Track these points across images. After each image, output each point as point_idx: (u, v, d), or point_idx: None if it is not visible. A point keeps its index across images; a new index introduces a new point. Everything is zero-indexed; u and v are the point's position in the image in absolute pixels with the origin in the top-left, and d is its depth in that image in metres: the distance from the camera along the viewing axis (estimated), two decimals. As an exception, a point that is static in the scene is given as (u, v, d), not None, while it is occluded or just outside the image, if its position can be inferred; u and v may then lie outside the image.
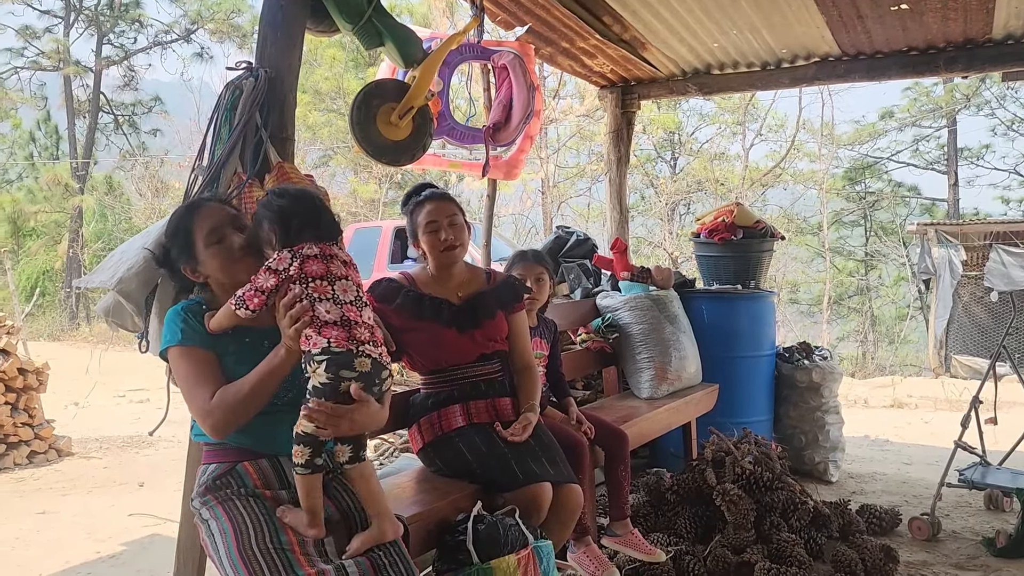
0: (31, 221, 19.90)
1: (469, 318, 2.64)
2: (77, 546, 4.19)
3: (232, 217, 2.01)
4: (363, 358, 1.79)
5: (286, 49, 2.56)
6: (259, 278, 1.82)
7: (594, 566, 2.83)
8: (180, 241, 2.01)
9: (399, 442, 4.76)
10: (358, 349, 1.79)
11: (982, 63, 4.91)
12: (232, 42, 21.20)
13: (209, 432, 1.87)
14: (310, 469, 1.80)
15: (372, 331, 1.85)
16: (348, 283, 1.85)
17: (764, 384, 4.91)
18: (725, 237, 4.92)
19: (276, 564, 1.74)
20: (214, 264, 1.97)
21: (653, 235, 19.28)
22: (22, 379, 6.06)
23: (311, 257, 1.82)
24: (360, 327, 1.82)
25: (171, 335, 1.92)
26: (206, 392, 1.85)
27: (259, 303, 1.81)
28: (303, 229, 1.86)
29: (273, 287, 1.81)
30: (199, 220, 1.98)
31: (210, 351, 1.91)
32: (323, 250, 1.85)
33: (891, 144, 19.60)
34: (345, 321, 1.80)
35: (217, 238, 1.96)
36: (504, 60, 3.91)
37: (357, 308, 1.84)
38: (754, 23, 4.53)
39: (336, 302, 1.81)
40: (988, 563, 3.63)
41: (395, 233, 10.93)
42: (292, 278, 1.81)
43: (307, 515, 1.81)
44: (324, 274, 1.82)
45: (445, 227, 2.62)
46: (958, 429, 4.13)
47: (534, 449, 2.53)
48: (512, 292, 2.76)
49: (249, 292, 1.81)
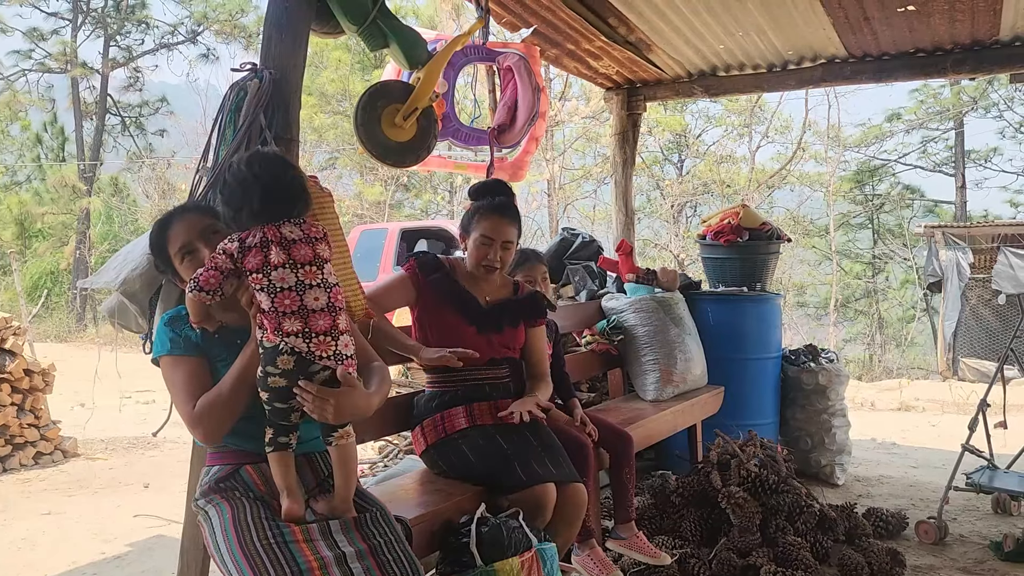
0: (38, 223, 19.98)
1: (493, 322, 2.71)
2: (83, 546, 4.19)
3: (205, 227, 1.99)
4: (285, 355, 1.77)
5: (291, 50, 2.55)
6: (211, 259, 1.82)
7: (598, 569, 2.82)
8: (158, 256, 2.05)
9: (403, 444, 4.76)
10: (283, 344, 1.77)
11: (989, 64, 4.89)
12: (238, 43, 21.24)
13: (201, 440, 1.91)
14: (272, 447, 1.84)
15: (309, 318, 1.78)
16: (285, 271, 1.78)
17: (770, 387, 4.89)
18: (731, 239, 4.91)
19: (277, 556, 1.73)
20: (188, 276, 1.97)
21: (659, 237, 19.26)
22: (28, 380, 6.08)
23: (251, 248, 1.79)
24: (291, 318, 1.77)
25: (160, 345, 1.95)
26: (193, 400, 1.88)
27: (215, 281, 1.79)
28: (239, 215, 1.84)
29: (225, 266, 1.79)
30: (171, 236, 2.00)
31: (200, 357, 1.93)
32: (265, 235, 1.79)
33: (898, 146, 19.54)
34: (273, 312, 1.78)
35: (187, 251, 1.97)
36: (509, 61, 3.90)
37: (296, 294, 1.77)
38: (760, 24, 4.52)
39: (269, 292, 1.78)
40: (996, 567, 3.60)
41: (401, 234, 10.92)
42: (237, 272, 1.80)
43: (281, 492, 1.84)
44: (260, 266, 1.78)
45: (497, 248, 2.71)
46: (965, 432, 4.11)
47: (537, 450, 2.52)
48: (537, 307, 2.85)
49: (204, 273, 1.80)
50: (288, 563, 1.73)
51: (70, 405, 7.96)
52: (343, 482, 1.90)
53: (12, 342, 6.00)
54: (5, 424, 5.87)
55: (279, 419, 1.84)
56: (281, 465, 1.85)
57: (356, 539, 1.83)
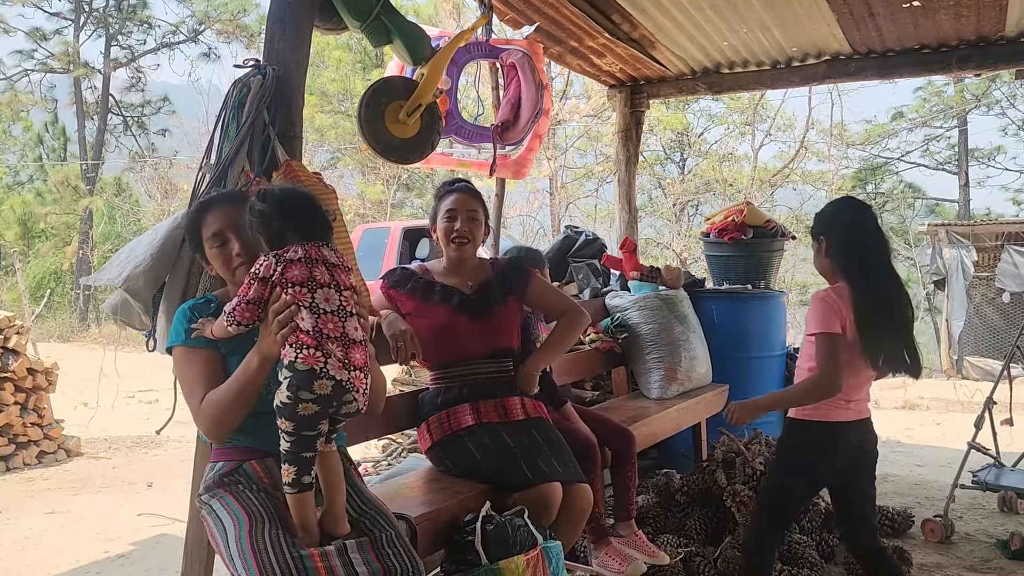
0: (41, 223, 20.00)
1: (481, 306, 2.67)
2: (86, 545, 4.19)
3: (240, 218, 1.98)
4: (324, 380, 1.68)
5: (294, 46, 2.54)
6: (246, 290, 1.75)
7: (618, 563, 2.82)
8: (191, 237, 2.07)
9: (407, 442, 4.74)
10: (322, 368, 1.68)
11: (995, 61, 4.86)
12: (239, 42, 21.24)
13: (206, 435, 1.91)
14: (297, 488, 1.76)
15: (348, 349, 1.73)
16: (330, 291, 1.74)
17: (775, 384, 4.87)
18: (735, 236, 4.89)
19: (286, 556, 1.71)
20: (216, 265, 2.02)
21: (661, 236, 19.23)
22: (31, 379, 6.08)
23: (294, 262, 1.73)
24: (332, 344, 1.70)
25: (176, 334, 1.95)
26: (200, 395, 1.87)
27: (250, 317, 1.75)
28: (284, 231, 1.78)
29: (260, 297, 1.74)
30: (208, 220, 2.02)
31: (214, 351, 1.91)
32: (308, 253, 1.75)
33: (901, 144, 19.50)
34: (317, 332, 1.70)
35: (219, 241, 1.99)
36: (512, 58, 3.89)
37: (339, 319, 1.73)
38: (764, 21, 4.50)
39: (313, 311, 1.71)
40: (1002, 565, 3.59)
41: (403, 233, 10.92)
42: (275, 284, 1.73)
43: (300, 530, 1.79)
44: (305, 280, 1.73)
45: (463, 219, 2.67)
46: (970, 431, 4.09)
47: (544, 449, 2.51)
48: (517, 272, 2.80)
49: (238, 307, 1.75)
50: (295, 562, 1.71)
51: (73, 404, 7.96)
52: (333, 496, 1.84)
53: (15, 341, 6.00)
54: (8, 423, 5.87)
55: (304, 449, 1.73)
56: (302, 506, 1.77)
57: (372, 559, 1.81)
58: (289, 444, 1.74)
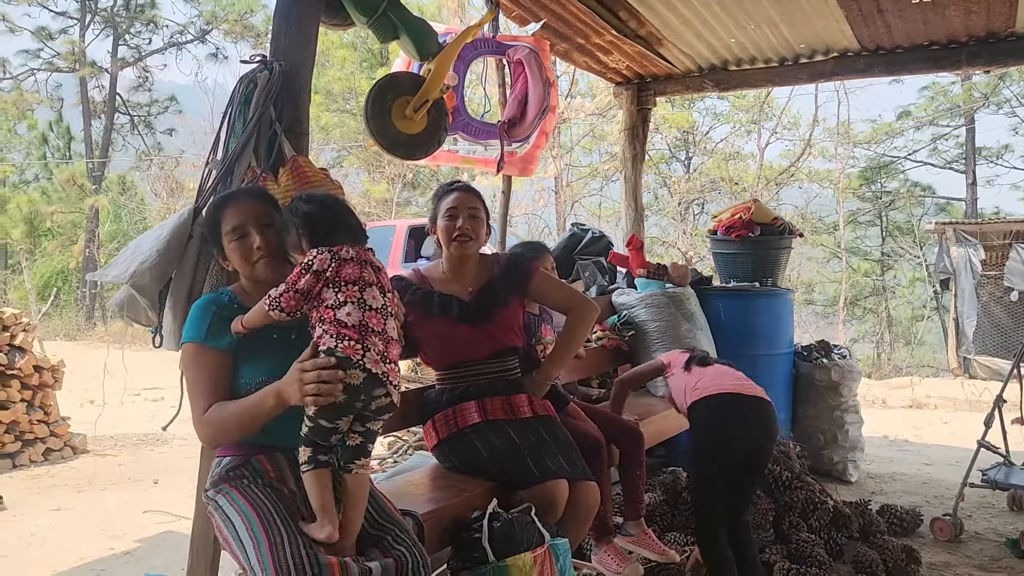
0: (47, 221, 20.04)
1: (481, 313, 2.62)
2: (92, 543, 4.19)
3: (261, 214, 2.01)
4: (357, 370, 1.73)
5: (300, 42, 2.53)
6: (296, 279, 1.79)
7: (616, 564, 2.80)
8: (210, 231, 2.07)
9: (413, 440, 4.74)
10: (359, 360, 1.73)
11: (1005, 57, 4.82)
12: (246, 42, 21.26)
13: (202, 441, 1.92)
14: (313, 464, 1.78)
15: (388, 344, 1.80)
16: (376, 291, 1.82)
17: (782, 383, 4.85)
18: (742, 234, 4.87)
19: (298, 542, 1.71)
20: (235, 259, 2.01)
21: (667, 235, 19.18)
22: (38, 377, 6.09)
23: (348, 261, 1.81)
24: (374, 337, 1.77)
25: (195, 331, 1.92)
26: (205, 402, 1.86)
27: (295, 304, 1.79)
28: (334, 232, 1.86)
29: (310, 289, 1.78)
30: (226, 215, 2.01)
31: (227, 354, 1.90)
32: (359, 254, 1.84)
33: (908, 143, 19.40)
34: (362, 326, 1.76)
35: (239, 235, 1.99)
36: (519, 55, 3.88)
37: (381, 317, 1.81)
38: (772, 17, 4.48)
39: (360, 306, 1.78)
40: (1012, 565, 3.57)
41: (409, 231, 10.92)
42: (328, 280, 1.78)
43: (318, 513, 1.78)
44: (357, 279, 1.80)
45: (464, 216, 2.62)
46: (979, 430, 4.06)
47: (551, 446, 2.50)
48: (519, 269, 2.74)
49: (285, 293, 1.79)
50: (306, 548, 1.71)
51: (80, 402, 7.97)
52: (353, 515, 1.83)
53: (22, 338, 6.00)
54: (15, 420, 5.88)
55: (319, 438, 1.77)
56: (319, 484, 1.78)
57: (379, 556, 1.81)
58: (307, 429, 1.78)
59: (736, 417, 2.88)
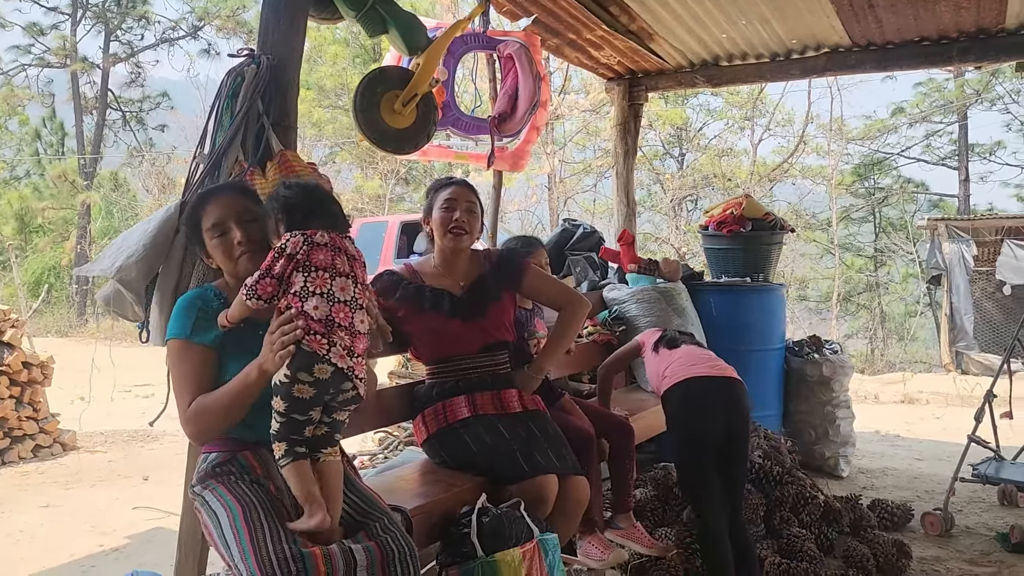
0: (38, 218, 19.94)
1: (473, 308, 2.62)
2: (81, 539, 4.17)
3: (241, 209, 1.99)
4: (325, 364, 1.73)
5: (288, 36, 2.52)
6: (271, 263, 1.77)
7: (600, 551, 2.80)
8: (190, 229, 2.05)
9: (403, 435, 4.73)
10: (325, 355, 1.73)
11: (995, 53, 4.83)
12: (239, 38, 21.14)
13: (189, 437, 1.89)
14: (291, 457, 1.78)
15: (354, 338, 1.79)
16: (348, 281, 1.80)
17: (773, 378, 4.86)
18: (734, 229, 4.87)
19: (283, 547, 1.69)
20: (217, 255, 1.99)
21: (659, 231, 19.19)
22: (27, 373, 6.06)
23: (321, 246, 1.78)
24: (341, 331, 1.75)
25: (180, 327, 1.91)
26: (191, 398, 1.85)
27: (272, 291, 1.77)
28: (310, 217, 1.83)
29: (284, 272, 1.77)
30: (206, 211, 2.00)
31: (212, 351, 1.89)
32: (333, 240, 1.81)
33: (901, 140, 19.44)
34: (328, 321, 1.75)
35: (220, 232, 1.97)
36: (510, 50, 3.86)
37: (350, 310, 1.78)
38: (763, 13, 4.47)
39: (328, 299, 1.76)
40: (1003, 559, 3.58)
41: (401, 227, 10.91)
42: (298, 263, 1.76)
43: (304, 504, 1.78)
44: (328, 266, 1.77)
45: (462, 210, 2.63)
46: (969, 425, 4.07)
47: (540, 441, 2.49)
48: (511, 265, 2.74)
49: (261, 280, 1.77)
50: (288, 543, 1.70)
51: (70, 399, 7.93)
52: (330, 504, 1.82)
53: (11, 334, 5.97)
54: (4, 417, 5.85)
55: (292, 433, 1.77)
56: (298, 475, 1.78)
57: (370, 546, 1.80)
58: (279, 425, 1.77)
59: (708, 400, 2.89)
